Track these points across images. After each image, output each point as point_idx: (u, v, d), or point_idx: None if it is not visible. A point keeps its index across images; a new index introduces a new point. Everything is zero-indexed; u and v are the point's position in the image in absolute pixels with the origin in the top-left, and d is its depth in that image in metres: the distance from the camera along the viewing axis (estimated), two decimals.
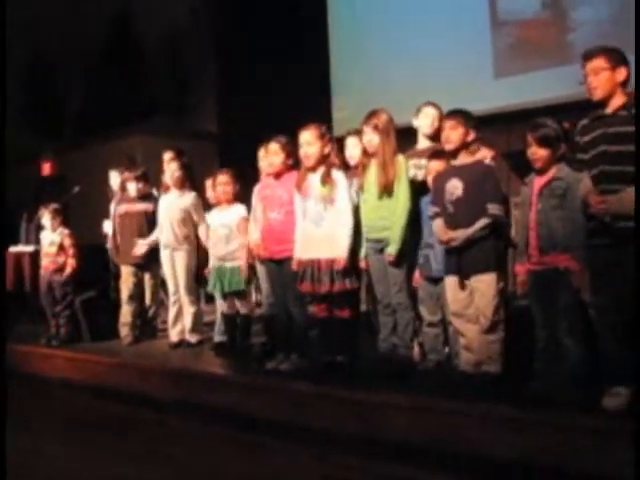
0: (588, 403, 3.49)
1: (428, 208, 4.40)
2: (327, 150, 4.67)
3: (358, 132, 4.77)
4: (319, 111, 7.92)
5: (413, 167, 4.73)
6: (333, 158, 4.71)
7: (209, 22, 10.19)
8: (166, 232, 6.06)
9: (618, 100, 3.48)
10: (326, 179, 4.60)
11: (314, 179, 4.66)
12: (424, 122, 4.93)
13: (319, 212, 4.62)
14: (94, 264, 7.31)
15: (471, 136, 4.16)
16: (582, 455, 3.26)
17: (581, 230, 3.58)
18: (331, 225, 4.59)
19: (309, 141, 4.64)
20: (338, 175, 4.63)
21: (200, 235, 6.01)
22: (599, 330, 3.58)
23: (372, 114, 4.54)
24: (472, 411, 3.67)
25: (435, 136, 4.87)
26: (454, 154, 4.21)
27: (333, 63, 8.60)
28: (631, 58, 3.54)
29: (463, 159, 4.20)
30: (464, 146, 4.17)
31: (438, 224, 4.23)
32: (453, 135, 4.15)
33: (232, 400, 4.73)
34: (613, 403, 3.43)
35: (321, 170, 4.64)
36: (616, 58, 3.49)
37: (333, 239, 4.57)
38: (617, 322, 3.48)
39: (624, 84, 3.50)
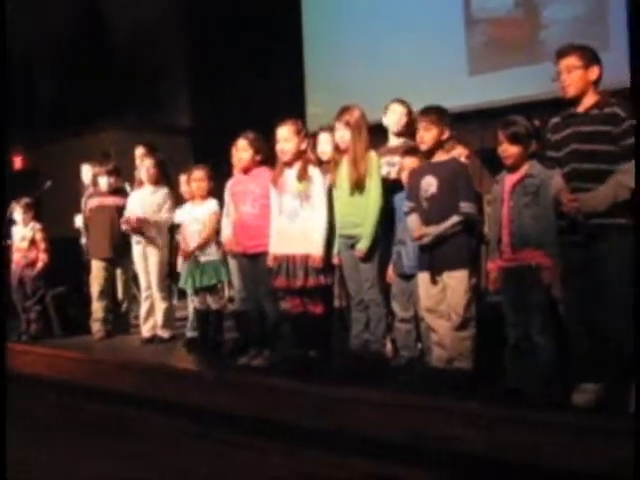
0: (558, 399, 3.51)
1: (402, 205, 4.41)
2: (303, 146, 4.69)
3: (330, 128, 4.77)
4: (294, 106, 7.91)
5: (386, 164, 4.74)
6: (309, 154, 4.74)
7: (183, 15, 10.11)
8: None
9: (590, 99, 3.51)
10: (302, 175, 4.61)
11: (290, 175, 4.66)
12: (391, 119, 4.93)
13: (295, 208, 4.63)
14: (66, 258, 7.24)
15: (445, 135, 4.15)
16: (552, 451, 3.28)
17: (553, 227, 3.60)
18: (307, 221, 4.60)
19: (286, 137, 4.64)
20: (314, 171, 4.64)
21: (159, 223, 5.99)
22: (569, 327, 3.62)
23: (344, 110, 4.54)
24: (443, 407, 3.69)
25: (406, 132, 4.89)
26: (429, 153, 4.22)
27: (308, 59, 8.58)
28: (605, 56, 3.56)
29: (438, 156, 4.20)
30: (439, 145, 4.17)
31: (413, 219, 4.23)
32: (427, 136, 4.15)
33: (203, 396, 4.70)
34: (582, 399, 3.46)
35: (297, 166, 4.65)
36: (589, 57, 3.52)
37: (308, 235, 4.58)
38: (588, 319, 3.52)
39: (596, 83, 3.53)
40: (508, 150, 3.77)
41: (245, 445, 4.00)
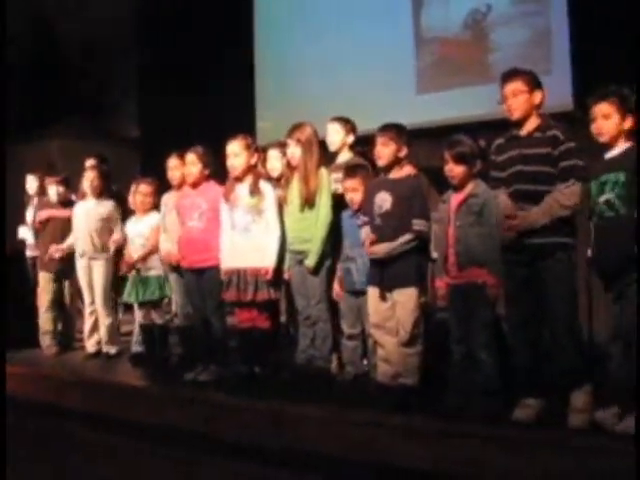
0: (500, 415, 3.58)
1: (348, 221, 4.46)
2: (253, 161, 4.72)
3: (280, 144, 4.81)
4: (243, 120, 7.91)
5: (334, 181, 4.78)
6: (260, 168, 4.78)
7: (132, 24, 10.02)
8: (83, 240, 5.93)
9: (533, 122, 3.62)
10: (254, 190, 4.64)
11: (242, 190, 4.68)
12: (328, 139, 4.92)
13: (247, 222, 4.66)
14: (9, 271, 7.07)
15: (403, 152, 4.19)
16: (493, 465, 3.34)
17: (497, 246, 3.68)
18: (259, 235, 4.64)
19: (236, 152, 4.66)
20: (266, 186, 4.68)
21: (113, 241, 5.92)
22: (512, 344, 3.70)
23: (296, 127, 4.59)
24: (386, 422, 3.72)
25: (350, 149, 4.92)
26: (386, 169, 4.26)
27: (258, 73, 8.59)
28: (548, 79, 3.67)
29: (395, 173, 4.24)
30: (396, 162, 4.21)
31: (365, 233, 4.26)
32: (384, 151, 4.18)
33: (149, 412, 4.65)
34: (524, 414, 3.54)
35: (248, 181, 4.67)
36: (533, 82, 3.64)
37: (261, 249, 4.61)
38: (530, 336, 3.60)
39: (539, 106, 3.65)
40: (454, 170, 3.85)
41: (191, 461, 3.97)
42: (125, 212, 6.01)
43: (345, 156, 4.94)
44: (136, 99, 10.24)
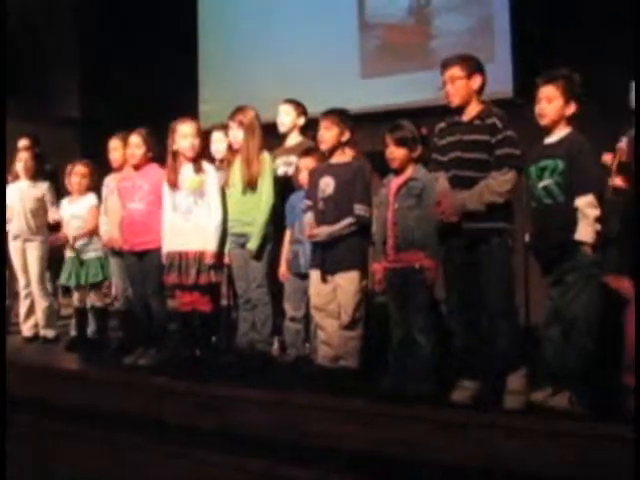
0: (437, 397, 3.63)
1: (298, 204, 4.47)
2: (202, 144, 4.72)
3: (224, 127, 4.77)
4: (185, 102, 7.81)
5: (283, 164, 4.78)
6: (206, 152, 4.81)
7: (71, 1, 9.77)
8: (18, 222, 5.82)
9: (474, 108, 3.63)
10: (198, 169, 4.61)
11: (186, 171, 4.64)
12: (279, 120, 4.97)
13: (189, 205, 4.62)
14: None
15: (346, 136, 4.22)
16: (428, 446, 3.39)
17: (436, 229, 3.71)
18: (201, 218, 4.60)
19: (194, 133, 4.62)
20: (209, 167, 4.67)
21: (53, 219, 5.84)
22: (450, 326, 3.75)
23: (238, 110, 4.57)
24: (327, 405, 3.74)
25: (301, 132, 4.94)
26: (329, 153, 4.27)
27: (201, 55, 8.48)
28: (490, 67, 3.70)
29: (338, 158, 4.26)
30: (339, 146, 4.23)
31: (308, 218, 4.29)
32: (326, 135, 4.21)
33: (88, 396, 4.58)
34: (461, 396, 3.59)
35: (193, 163, 4.64)
36: (472, 66, 3.64)
37: (202, 232, 4.58)
38: (468, 319, 3.65)
39: (479, 92, 3.65)
40: (394, 153, 3.87)
41: (131, 445, 3.94)
42: (60, 193, 5.90)
43: (295, 139, 4.95)
44: (77, 80, 10.01)
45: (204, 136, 4.82)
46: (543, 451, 3.17)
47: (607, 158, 4.06)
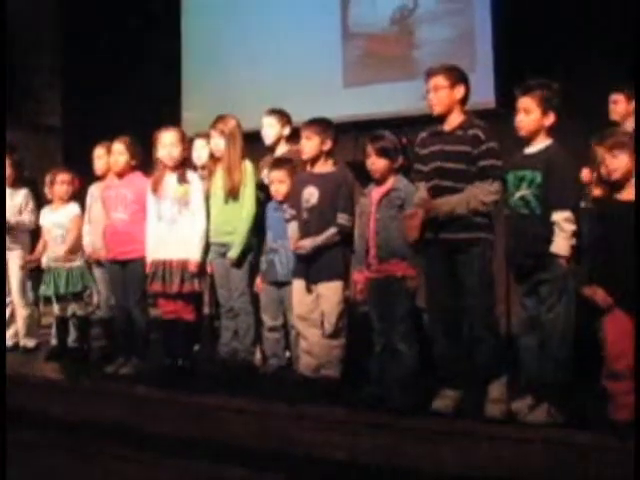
0: (418, 405, 3.64)
1: (273, 214, 4.48)
2: (186, 152, 4.71)
3: (207, 135, 4.76)
4: (168, 110, 7.79)
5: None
6: (189, 160, 4.79)
7: (55, 9, 9.72)
8: None
9: (456, 119, 3.64)
10: (182, 179, 4.60)
11: (170, 181, 4.63)
12: (263, 133, 4.97)
13: (174, 214, 4.61)
14: None
15: (327, 145, 4.23)
16: (410, 454, 3.40)
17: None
18: (185, 227, 4.59)
19: (173, 142, 4.60)
20: (193, 177, 4.66)
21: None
22: (432, 335, 3.76)
23: (219, 119, 4.57)
24: (309, 414, 3.75)
25: (288, 141, 4.93)
26: (311, 163, 4.28)
27: (185, 63, 8.46)
28: (471, 77, 3.73)
29: (320, 167, 4.27)
30: (320, 155, 4.24)
31: (292, 228, 4.29)
32: (307, 145, 4.23)
33: (69, 406, 4.55)
34: (442, 405, 3.60)
35: (177, 172, 4.63)
36: (455, 76, 3.65)
37: (186, 241, 4.57)
38: (449, 328, 3.67)
39: (463, 102, 3.67)
40: (376, 163, 3.88)
41: (112, 455, 3.91)
42: (39, 200, 5.85)
43: (283, 149, 4.94)
44: (58, 88, 9.96)
45: (187, 145, 4.81)
46: (525, 459, 3.19)
47: (585, 172, 4.10)
